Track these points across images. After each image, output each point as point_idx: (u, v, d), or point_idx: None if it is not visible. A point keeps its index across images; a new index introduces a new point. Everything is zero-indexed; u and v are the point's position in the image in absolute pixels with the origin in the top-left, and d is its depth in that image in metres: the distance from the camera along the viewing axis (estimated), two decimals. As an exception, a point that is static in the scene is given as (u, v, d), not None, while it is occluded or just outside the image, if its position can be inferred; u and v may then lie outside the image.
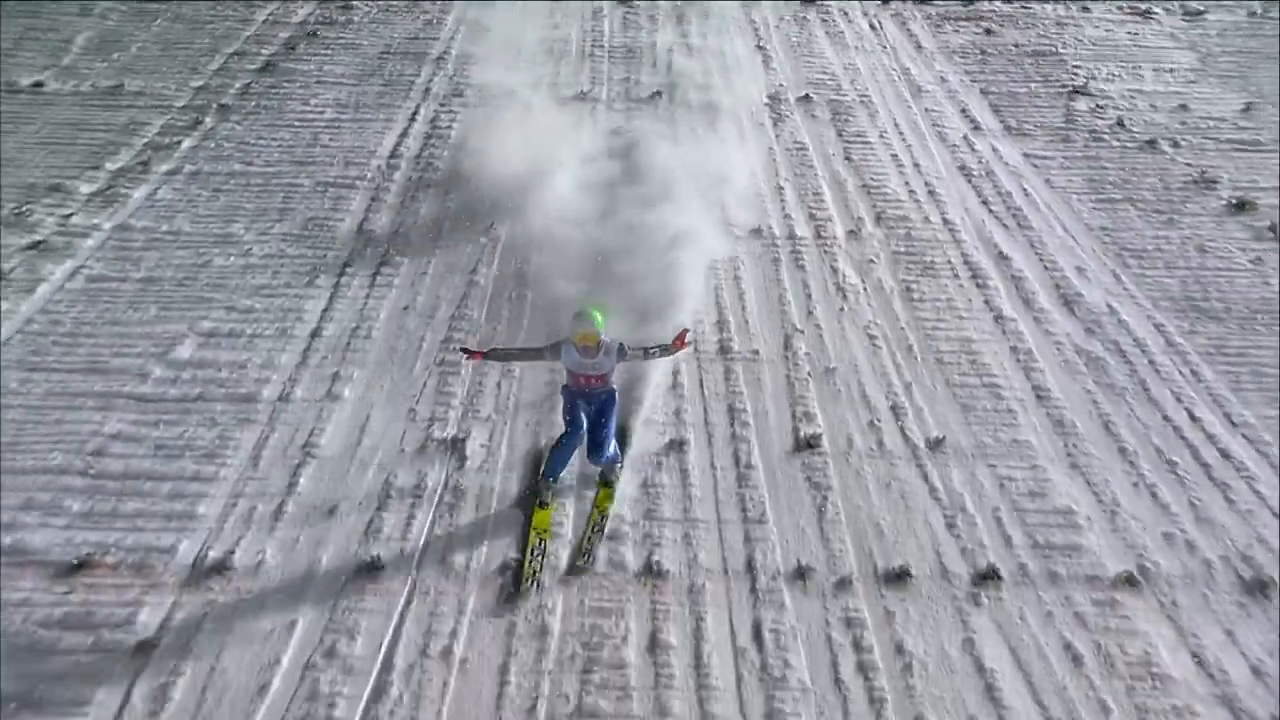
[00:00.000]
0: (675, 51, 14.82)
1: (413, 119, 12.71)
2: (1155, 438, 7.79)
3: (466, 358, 6.98)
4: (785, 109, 13.14)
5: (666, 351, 6.92)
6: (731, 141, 12.02)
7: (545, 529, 6.84)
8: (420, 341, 8.73)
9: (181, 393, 8.03)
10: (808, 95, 13.46)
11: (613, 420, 6.99)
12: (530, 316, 9.07)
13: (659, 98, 13.33)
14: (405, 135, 12.29)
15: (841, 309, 9.28)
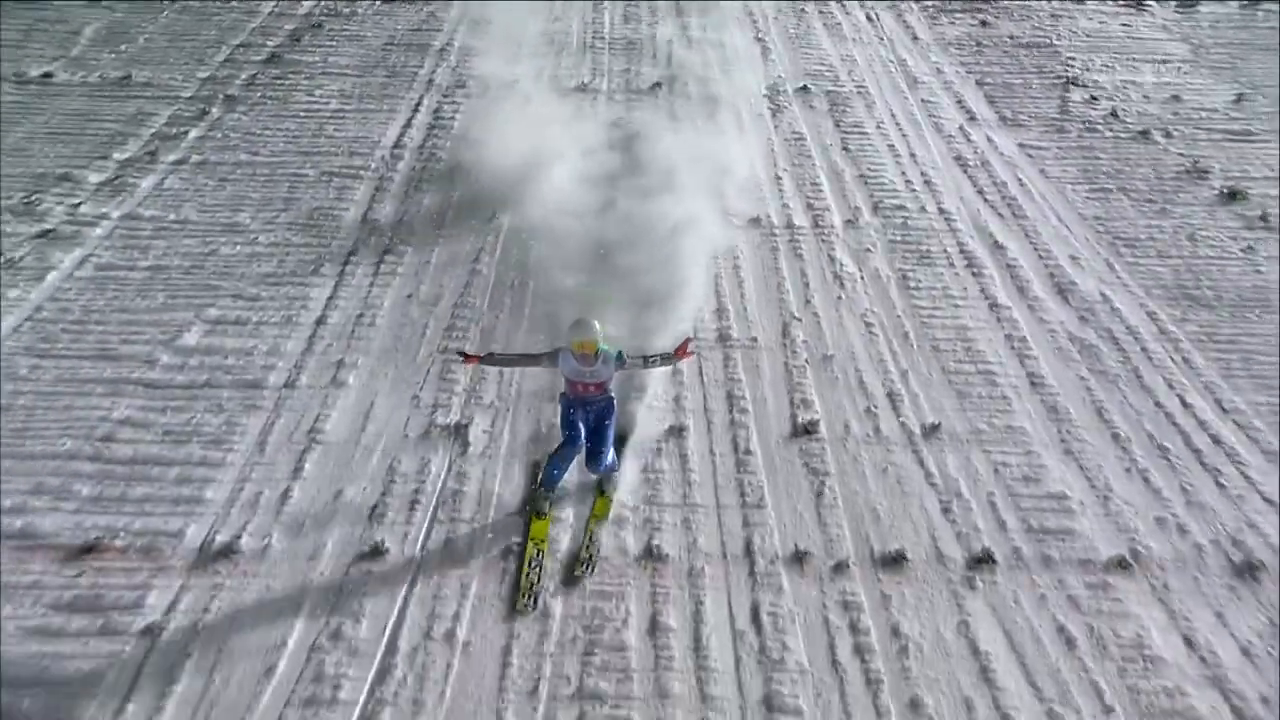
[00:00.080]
0: (675, 44, 14.92)
1: (416, 110, 12.80)
2: (1147, 424, 7.87)
3: (464, 361, 6.86)
4: (783, 100, 13.23)
5: (668, 360, 6.84)
6: (730, 132, 12.10)
7: (543, 540, 6.74)
8: (424, 329, 8.80)
9: (189, 379, 8.11)
10: (806, 86, 13.55)
11: (611, 429, 6.91)
12: (532, 305, 9.14)
13: (659, 89, 13.41)
14: (409, 126, 12.38)
15: (839, 297, 9.36)
